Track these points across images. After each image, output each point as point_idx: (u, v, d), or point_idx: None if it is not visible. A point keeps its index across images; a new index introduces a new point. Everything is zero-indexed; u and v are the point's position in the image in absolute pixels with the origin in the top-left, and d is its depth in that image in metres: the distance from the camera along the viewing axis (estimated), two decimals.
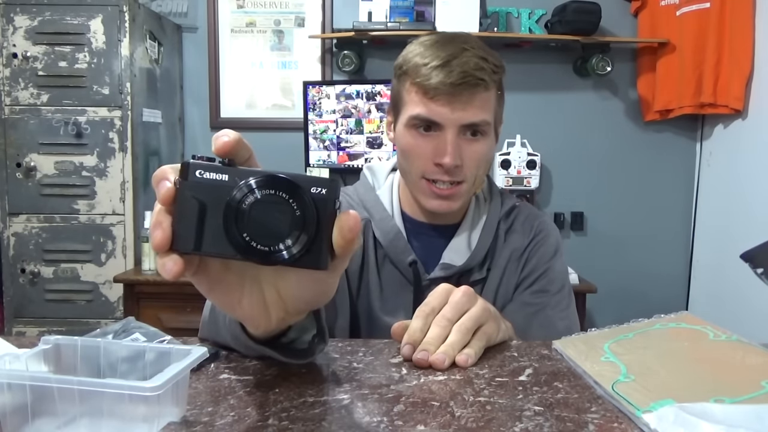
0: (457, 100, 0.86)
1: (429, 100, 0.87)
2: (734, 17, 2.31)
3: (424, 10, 2.55)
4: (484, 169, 0.93)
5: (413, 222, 0.99)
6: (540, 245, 0.99)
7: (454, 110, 0.86)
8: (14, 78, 2.20)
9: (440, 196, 0.91)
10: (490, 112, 0.89)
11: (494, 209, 1.00)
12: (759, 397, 0.54)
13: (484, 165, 0.93)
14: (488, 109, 0.89)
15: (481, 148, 0.90)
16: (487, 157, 0.93)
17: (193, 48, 2.71)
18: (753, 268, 0.67)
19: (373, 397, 0.60)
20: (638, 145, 2.69)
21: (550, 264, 0.98)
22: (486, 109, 0.88)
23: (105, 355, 0.58)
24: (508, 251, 0.98)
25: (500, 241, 0.99)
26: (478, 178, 0.92)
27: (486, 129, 0.90)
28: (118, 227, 2.24)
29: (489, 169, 0.98)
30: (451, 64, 0.85)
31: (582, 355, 0.69)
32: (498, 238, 0.99)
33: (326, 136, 2.50)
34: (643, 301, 2.70)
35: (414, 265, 0.95)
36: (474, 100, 0.86)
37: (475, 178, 0.92)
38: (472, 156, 0.89)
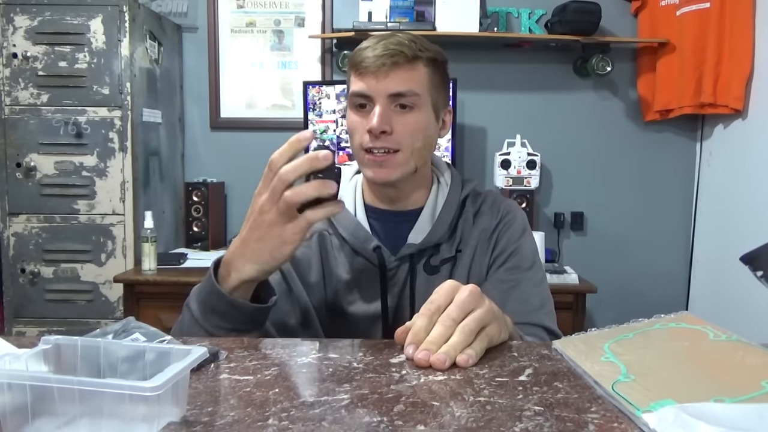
0: (381, 71, 0.93)
1: (359, 77, 0.96)
2: (734, 17, 2.31)
3: (424, 10, 2.55)
4: (422, 143, 0.97)
5: (378, 211, 1.05)
6: (508, 225, 1.04)
7: (378, 81, 0.94)
8: (14, 78, 2.20)
9: (376, 163, 0.96)
10: (417, 85, 0.95)
11: (454, 190, 1.05)
12: (759, 397, 0.54)
13: (422, 138, 0.97)
14: (416, 82, 0.95)
15: (413, 119, 0.96)
16: (424, 131, 0.97)
17: (193, 48, 2.71)
18: (753, 271, 0.67)
19: (373, 397, 0.60)
20: (638, 145, 2.69)
21: (519, 242, 1.03)
22: (413, 81, 0.95)
23: (105, 355, 0.58)
24: (477, 232, 1.03)
25: (468, 222, 1.04)
26: (415, 150, 0.97)
27: (415, 101, 0.95)
28: (118, 227, 2.24)
29: (432, 148, 1.03)
30: (377, 45, 0.95)
31: (582, 355, 0.69)
32: (466, 220, 1.04)
33: (326, 136, 2.50)
34: (643, 301, 2.70)
35: (378, 249, 0.99)
36: (398, 71, 0.94)
37: (411, 150, 0.96)
38: (403, 126, 0.95)
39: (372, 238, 1.01)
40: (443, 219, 1.02)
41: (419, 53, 0.95)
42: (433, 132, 1.00)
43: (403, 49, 0.94)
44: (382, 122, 0.93)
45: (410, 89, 0.94)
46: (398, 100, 0.95)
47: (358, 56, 0.96)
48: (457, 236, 1.03)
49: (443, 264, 1.01)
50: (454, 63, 2.57)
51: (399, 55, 0.93)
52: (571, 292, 2.21)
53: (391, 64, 0.93)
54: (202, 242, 2.53)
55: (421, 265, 1.01)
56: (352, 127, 0.98)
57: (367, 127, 0.94)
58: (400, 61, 0.94)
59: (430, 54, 0.97)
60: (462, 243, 1.02)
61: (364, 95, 0.95)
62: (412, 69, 0.95)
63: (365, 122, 0.95)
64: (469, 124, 2.68)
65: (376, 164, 0.96)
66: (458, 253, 1.02)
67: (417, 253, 1.00)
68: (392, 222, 1.03)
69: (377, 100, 0.94)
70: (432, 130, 1.00)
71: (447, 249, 1.02)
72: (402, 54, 0.94)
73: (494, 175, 2.58)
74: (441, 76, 1.00)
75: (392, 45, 0.94)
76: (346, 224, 1.03)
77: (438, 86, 1.00)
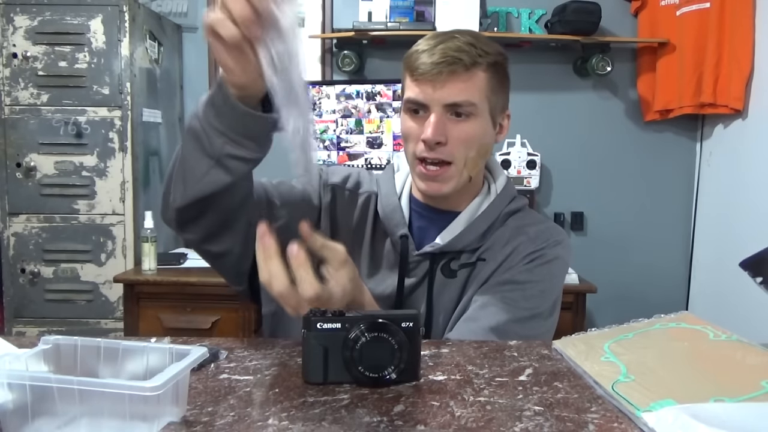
0: (438, 79, 0.90)
1: (415, 83, 0.92)
2: (734, 17, 2.31)
3: (424, 10, 2.55)
4: (477, 152, 0.94)
5: (420, 204, 1.02)
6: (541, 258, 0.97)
7: (435, 89, 0.90)
8: (14, 78, 2.20)
9: (428, 177, 0.94)
10: (475, 94, 0.91)
11: (499, 201, 1.01)
12: (759, 397, 0.54)
13: (476, 148, 0.94)
14: (472, 91, 0.91)
15: (468, 128, 0.92)
16: (479, 140, 0.94)
17: (193, 48, 2.71)
18: (752, 276, 0.67)
19: (373, 397, 0.60)
20: (638, 145, 2.69)
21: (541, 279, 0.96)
22: (469, 90, 0.91)
23: (105, 355, 0.58)
24: (509, 249, 0.98)
25: (502, 238, 0.99)
26: (469, 160, 0.94)
27: (471, 110, 0.92)
28: (118, 227, 2.24)
29: (486, 155, 0.99)
30: (435, 48, 0.90)
31: (582, 355, 0.69)
32: (501, 234, 0.99)
33: (326, 136, 2.50)
34: (643, 301, 2.70)
35: (404, 239, 0.98)
36: (454, 79, 0.90)
37: (465, 160, 0.94)
38: (458, 135, 0.92)
39: (404, 224, 0.99)
40: (475, 227, 0.98)
41: (478, 59, 0.91)
42: (489, 139, 0.97)
43: (461, 56, 0.89)
44: (437, 133, 0.90)
45: (467, 99, 0.91)
46: (454, 109, 0.91)
47: (414, 59, 0.92)
48: (484, 246, 0.98)
49: (461, 269, 0.98)
50: None
51: (457, 64, 0.89)
52: (571, 292, 2.21)
53: (449, 72, 0.89)
54: None
55: (440, 266, 0.98)
56: (407, 132, 0.96)
57: (422, 137, 0.91)
58: (458, 69, 0.89)
59: (490, 59, 0.92)
60: (486, 253, 0.98)
61: (419, 103, 0.92)
62: (470, 78, 0.91)
63: (419, 129, 0.92)
64: None
65: (428, 178, 0.94)
66: (480, 261, 0.98)
67: (439, 253, 0.98)
68: (430, 218, 1.01)
69: (432, 109, 0.91)
70: (488, 138, 0.96)
71: (468, 255, 0.98)
72: (460, 62, 0.89)
73: None
74: (501, 78, 0.96)
75: (451, 51, 0.89)
76: (386, 203, 1.02)
77: (497, 90, 0.95)
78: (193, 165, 0.80)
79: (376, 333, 0.63)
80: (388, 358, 0.62)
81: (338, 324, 0.63)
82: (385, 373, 0.62)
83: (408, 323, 0.64)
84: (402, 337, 0.63)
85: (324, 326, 0.63)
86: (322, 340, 0.63)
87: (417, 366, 0.65)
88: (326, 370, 0.63)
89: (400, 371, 0.63)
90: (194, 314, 2.17)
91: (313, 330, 0.63)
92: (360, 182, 1.06)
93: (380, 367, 0.62)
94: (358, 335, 0.62)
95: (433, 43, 0.91)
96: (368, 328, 0.63)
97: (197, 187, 0.81)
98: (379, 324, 0.63)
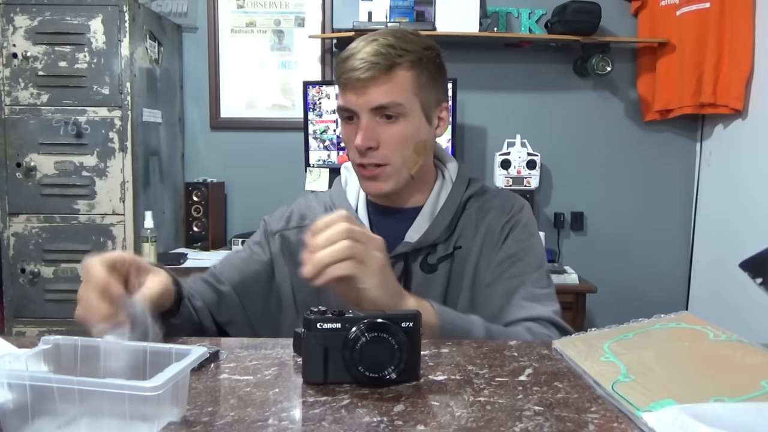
0: (361, 85, 0.91)
1: (342, 91, 0.95)
2: (734, 17, 2.31)
3: (424, 10, 2.55)
4: (413, 150, 0.96)
5: (379, 207, 1.04)
6: (516, 225, 1.02)
7: (359, 96, 0.92)
8: (14, 78, 2.20)
9: (368, 177, 0.96)
10: (399, 94, 0.93)
11: (457, 188, 1.04)
12: (759, 397, 0.54)
13: (411, 146, 0.96)
14: (396, 91, 0.92)
15: (398, 129, 0.94)
16: (413, 139, 0.96)
17: (193, 48, 2.70)
18: (752, 277, 0.67)
19: (373, 397, 0.60)
20: (638, 145, 2.69)
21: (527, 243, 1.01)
22: (392, 92, 0.92)
23: (105, 355, 0.58)
24: (483, 230, 1.01)
25: (471, 221, 1.02)
26: (407, 159, 0.96)
27: (400, 110, 0.93)
28: (118, 227, 2.24)
29: (426, 151, 1.00)
30: (356, 54, 0.92)
31: (582, 355, 0.69)
32: (468, 218, 1.02)
33: (326, 136, 2.50)
34: (643, 301, 2.70)
35: None
36: (375, 83, 0.91)
37: (403, 159, 0.95)
38: (390, 138, 0.94)
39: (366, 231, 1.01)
40: (442, 218, 1.01)
41: (398, 59, 0.92)
42: (425, 135, 0.98)
43: (378, 59, 0.90)
44: (366, 139, 0.92)
45: (391, 100, 0.92)
46: (382, 112, 0.93)
47: (339, 67, 0.94)
48: (455, 234, 1.01)
49: (441, 262, 1.00)
50: (454, 63, 2.59)
51: (374, 68, 0.90)
52: (571, 292, 2.21)
53: (368, 78, 0.90)
54: (202, 242, 2.53)
55: (417, 263, 1.00)
56: (345, 140, 0.99)
57: (353, 144, 0.94)
58: (377, 73, 0.91)
59: (412, 57, 0.93)
60: (461, 240, 1.01)
61: (348, 110, 0.94)
62: (390, 79, 0.92)
63: (354, 135, 0.94)
64: (469, 124, 2.68)
65: (368, 179, 0.97)
66: (456, 250, 1.00)
67: (412, 252, 0.99)
68: (393, 219, 1.03)
69: (360, 115, 0.93)
70: (423, 134, 0.97)
71: (444, 247, 1.01)
72: (377, 66, 0.90)
73: (494, 175, 2.58)
74: (430, 73, 0.96)
75: (369, 56, 0.91)
76: None
77: (426, 85, 0.96)
78: None
79: (376, 333, 0.63)
80: (388, 358, 0.62)
81: (338, 324, 0.63)
82: (385, 373, 0.62)
83: (408, 323, 0.64)
84: (402, 337, 0.63)
85: (324, 326, 0.63)
86: (322, 340, 0.63)
87: (417, 366, 0.65)
88: (326, 370, 0.63)
89: (400, 371, 0.63)
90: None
91: (313, 330, 0.63)
92: (303, 215, 1.08)
93: (380, 367, 0.62)
94: (358, 335, 0.62)
95: (354, 49, 0.93)
96: (368, 327, 0.63)
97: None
98: (379, 324, 0.63)
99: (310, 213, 1.07)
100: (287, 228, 1.06)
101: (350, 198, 1.06)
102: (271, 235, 1.07)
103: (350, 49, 0.94)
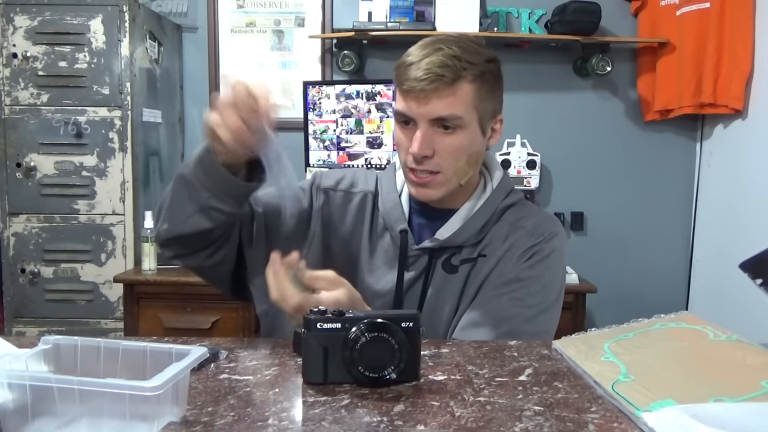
0: (424, 95, 0.91)
1: (402, 96, 0.94)
2: (734, 17, 2.31)
3: (424, 10, 2.55)
4: (466, 161, 0.97)
5: (418, 203, 1.04)
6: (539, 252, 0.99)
7: (420, 105, 0.92)
8: (14, 78, 2.20)
9: (418, 184, 0.97)
10: (460, 107, 0.93)
11: (495, 196, 1.03)
12: (759, 397, 0.54)
13: (465, 158, 0.96)
14: (458, 105, 0.93)
15: (455, 141, 0.94)
16: (467, 150, 0.96)
17: (193, 48, 2.70)
18: (752, 278, 0.67)
19: (373, 397, 0.60)
20: (638, 145, 2.68)
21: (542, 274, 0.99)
22: (454, 105, 0.92)
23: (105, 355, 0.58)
24: (508, 245, 1.00)
25: (501, 232, 1.01)
26: (459, 169, 0.96)
27: (458, 123, 0.93)
28: (118, 227, 2.24)
29: (478, 162, 1.01)
30: (421, 62, 0.91)
31: (582, 355, 0.69)
32: (500, 228, 1.02)
33: (326, 136, 2.49)
34: (643, 301, 2.70)
35: (404, 233, 1.00)
36: (438, 95, 0.91)
37: (455, 170, 0.96)
38: (445, 148, 0.94)
39: (404, 220, 1.02)
40: (473, 223, 1.00)
41: (462, 73, 0.91)
42: (479, 147, 0.98)
43: (445, 72, 0.90)
44: (423, 148, 0.93)
45: (452, 113, 0.92)
46: (441, 123, 0.93)
47: (401, 72, 0.93)
48: (484, 242, 1.01)
49: (463, 264, 1.00)
50: None
51: (440, 80, 0.90)
52: (571, 292, 2.21)
53: (433, 89, 0.90)
54: None
55: (441, 261, 1.00)
56: (398, 142, 0.99)
57: (409, 151, 0.94)
58: (441, 86, 0.90)
59: (475, 70, 0.93)
60: (487, 249, 1.00)
61: (407, 116, 0.94)
62: (454, 92, 0.92)
63: (408, 141, 0.94)
64: None
65: (418, 185, 0.97)
66: (480, 257, 1.00)
67: (439, 249, 1.00)
68: (429, 217, 1.03)
69: (419, 123, 0.93)
70: (477, 146, 0.98)
71: (469, 251, 1.00)
72: (442, 78, 0.90)
73: None
74: (490, 85, 0.96)
75: (435, 66, 0.90)
76: (387, 199, 1.04)
77: (485, 98, 0.96)
78: (179, 206, 0.93)
79: (376, 333, 0.63)
80: (388, 358, 0.62)
81: (338, 324, 0.63)
82: (385, 373, 0.62)
83: (408, 323, 0.64)
84: (402, 337, 0.63)
85: (324, 326, 0.63)
86: (322, 340, 0.63)
87: (417, 366, 0.65)
88: (326, 370, 0.63)
89: (400, 371, 0.63)
90: (194, 314, 2.17)
91: (313, 330, 0.63)
92: (354, 182, 1.09)
93: (380, 367, 0.62)
94: (358, 335, 0.62)
95: (419, 55, 0.93)
96: (368, 328, 0.63)
97: (180, 227, 0.92)
98: (379, 324, 0.63)
99: (359, 185, 1.09)
100: (335, 188, 1.08)
101: (398, 183, 1.06)
102: (318, 189, 1.08)
103: (414, 54, 0.93)
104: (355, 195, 1.07)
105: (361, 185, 1.08)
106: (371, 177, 1.11)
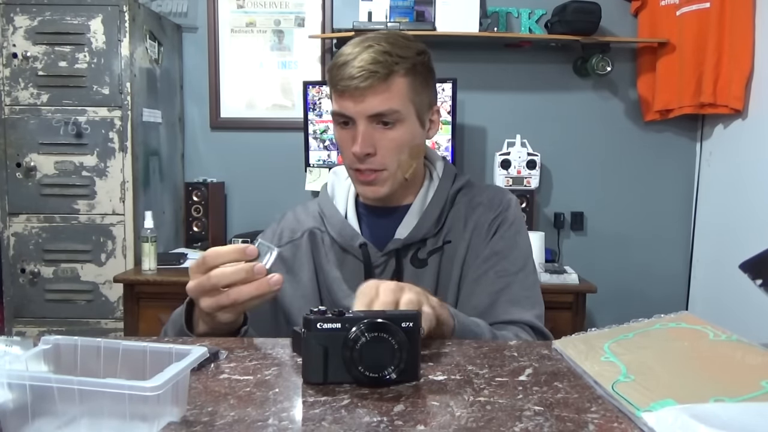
0: (359, 93, 0.92)
1: (339, 97, 0.95)
2: (734, 17, 2.31)
3: (424, 10, 2.55)
4: (408, 155, 0.98)
5: (369, 208, 1.06)
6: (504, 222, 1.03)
7: (357, 103, 0.93)
8: (14, 78, 2.20)
9: (364, 182, 0.98)
10: (396, 101, 0.94)
11: (444, 184, 1.06)
12: (759, 397, 0.54)
13: (407, 151, 0.98)
14: (394, 99, 0.94)
15: (395, 135, 0.96)
16: (409, 144, 0.97)
17: (193, 48, 2.70)
18: (752, 279, 0.67)
19: (373, 397, 0.60)
20: (638, 145, 2.68)
21: (513, 241, 1.03)
22: (390, 99, 0.93)
23: (105, 355, 0.58)
24: (472, 224, 1.03)
25: (459, 215, 1.04)
26: (403, 163, 0.98)
27: (396, 117, 0.95)
28: (118, 227, 2.24)
29: (419, 155, 1.03)
30: (353, 61, 0.92)
31: (582, 355, 0.69)
32: (457, 212, 1.04)
33: (326, 136, 2.50)
34: (643, 301, 2.70)
35: (364, 247, 1.01)
36: (374, 91, 0.92)
37: (398, 164, 0.97)
38: (386, 144, 0.95)
39: (358, 235, 1.02)
40: (430, 213, 1.02)
41: (395, 67, 0.93)
42: (419, 139, 1.00)
43: (377, 68, 0.91)
44: (365, 146, 0.94)
45: (389, 108, 0.93)
46: (379, 119, 0.94)
47: (334, 73, 0.94)
48: (445, 229, 1.03)
49: (430, 255, 1.01)
50: (454, 63, 2.59)
51: (373, 76, 0.91)
52: (571, 292, 2.21)
53: (367, 86, 0.92)
54: (202, 242, 2.53)
55: (408, 259, 1.01)
56: (339, 143, 1.00)
57: (352, 150, 0.94)
58: (375, 82, 0.92)
59: (407, 63, 0.94)
60: (450, 234, 1.03)
61: (345, 116, 0.95)
62: (388, 87, 0.93)
63: (350, 141, 0.95)
64: (469, 124, 2.68)
65: (364, 183, 0.98)
66: (446, 244, 1.02)
67: (403, 247, 1.01)
68: (383, 218, 1.05)
69: (358, 121, 0.94)
70: (417, 139, 1.00)
71: (433, 241, 1.02)
72: (376, 74, 0.91)
73: (494, 175, 2.58)
74: (423, 77, 0.98)
75: (367, 64, 0.91)
76: (334, 223, 1.05)
77: (420, 90, 0.98)
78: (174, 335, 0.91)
79: (375, 333, 0.63)
80: (388, 358, 0.62)
81: (338, 324, 0.63)
82: (385, 373, 0.62)
83: (408, 323, 0.64)
84: (402, 336, 0.63)
85: (324, 326, 0.63)
86: (322, 340, 0.63)
87: (417, 366, 0.65)
88: (326, 370, 0.63)
89: (400, 371, 0.63)
90: None
91: (313, 330, 0.63)
92: (293, 229, 1.09)
93: (380, 367, 0.62)
94: (358, 335, 0.62)
95: (350, 54, 0.93)
96: (368, 327, 0.63)
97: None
98: (378, 324, 0.63)
99: (299, 226, 1.09)
100: (280, 245, 1.07)
101: (338, 205, 1.07)
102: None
103: (345, 54, 0.94)
104: (300, 239, 1.07)
105: (301, 226, 1.09)
106: (307, 212, 1.11)
